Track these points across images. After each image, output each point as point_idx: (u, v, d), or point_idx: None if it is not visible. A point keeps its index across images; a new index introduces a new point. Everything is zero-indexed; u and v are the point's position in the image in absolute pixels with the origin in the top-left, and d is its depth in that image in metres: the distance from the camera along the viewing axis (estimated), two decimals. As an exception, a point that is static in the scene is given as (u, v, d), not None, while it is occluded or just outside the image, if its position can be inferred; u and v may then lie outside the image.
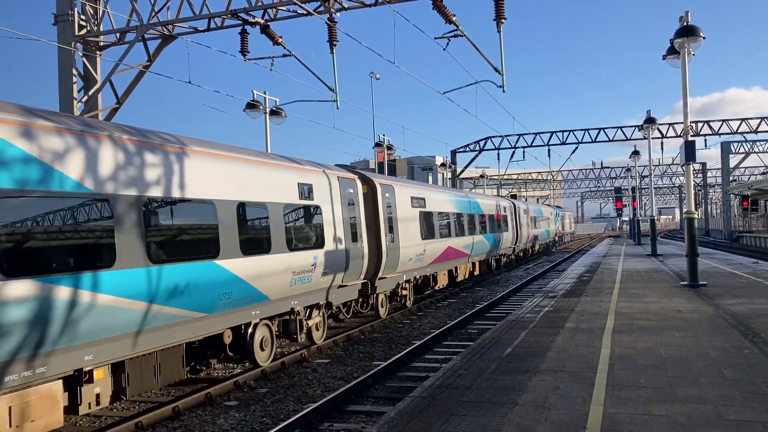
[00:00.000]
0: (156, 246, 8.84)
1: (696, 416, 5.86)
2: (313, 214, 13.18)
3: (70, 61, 17.81)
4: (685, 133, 16.76)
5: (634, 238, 50.96)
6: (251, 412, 9.37)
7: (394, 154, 54.60)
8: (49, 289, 7.11)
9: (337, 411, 9.19)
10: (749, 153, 60.72)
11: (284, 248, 11.80)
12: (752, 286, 16.31)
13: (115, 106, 18.28)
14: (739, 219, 67.06)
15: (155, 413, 9.03)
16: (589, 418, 5.92)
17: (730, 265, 23.34)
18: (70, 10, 17.66)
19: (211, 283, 9.79)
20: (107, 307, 7.90)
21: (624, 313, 12.19)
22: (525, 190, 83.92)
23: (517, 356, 8.73)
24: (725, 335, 9.65)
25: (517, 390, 6.98)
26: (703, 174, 72.05)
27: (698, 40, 15.79)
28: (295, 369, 12.02)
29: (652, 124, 31.00)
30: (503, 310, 18.76)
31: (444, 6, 14.99)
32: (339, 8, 16.29)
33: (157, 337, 8.97)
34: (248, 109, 21.95)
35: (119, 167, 8.39)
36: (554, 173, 76.13)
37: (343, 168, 16.17)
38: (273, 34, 16.68)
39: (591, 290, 16.50)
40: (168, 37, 17.83)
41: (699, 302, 13.42)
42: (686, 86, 16.34)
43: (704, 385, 6.91)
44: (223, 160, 10.56)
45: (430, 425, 5.95)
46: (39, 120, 7.46)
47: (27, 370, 7.00)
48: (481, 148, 49.02)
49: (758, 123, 45.93)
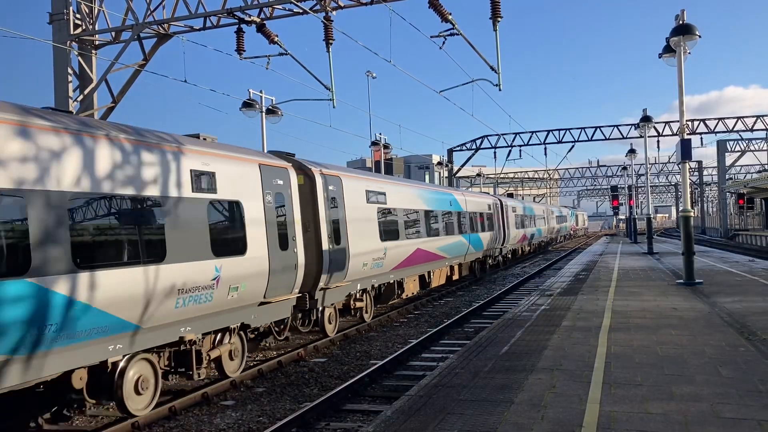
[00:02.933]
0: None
1: (692, 414, 5.87)
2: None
3: (66, 60, 17.75)
4: (681, 131, 16.80)
5: (630, 237, 51.05)
6: (248, 412, 9.37)
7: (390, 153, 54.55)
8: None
9: (334, 410, 9.19)
10: (745, 151, 60.93)
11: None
12: (748, 284, 16.35)
13: (110, 105, 18.23)
14: (735, 217, 67.21)
15: (152, 413, 9.01)
16: (586, 416, 5.93)
17: (726, 264, 23.40)
18: (65, 9, 17.60)
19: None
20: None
21: (620, 311, 12.22)
22: (522, 189, 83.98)
23: (513, 355, 8.74)
24: (721, 333, 9.67)
25: (514, 388, 6.98)
26: (699, 172, 72.23)
27: (694, 38, 15.83)
28: (291, 368, 12.01)
29: (648, 123, 31.06)
30: (500, 308, 18.79)
31: (440, 4, 14.98)
32: (335, 7, 16.27)
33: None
34: (244, 107, 21.90)
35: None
36: (551, 172, 76.18)
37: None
38: (269, 33, 16.65)
39: (587, 288, 16.53)
40: (164, 35, 17.79)
41: (695, 300, 13.45)
42: (682, 84, 16.37)
43: (700, 383, 6.93)
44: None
45: (427, 424, 5.95)
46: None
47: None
48: (477, 146, 49.05)
49: (754, 121, 46.04)
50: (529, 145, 47.89)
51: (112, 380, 8.45)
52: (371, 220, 16.47)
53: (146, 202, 8.82)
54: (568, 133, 47.25)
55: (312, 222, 13.59)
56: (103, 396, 8.56)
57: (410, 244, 19.02)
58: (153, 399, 9.09)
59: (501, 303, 20.24)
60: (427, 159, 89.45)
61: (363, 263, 15.62)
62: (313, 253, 13.38)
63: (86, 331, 7.74)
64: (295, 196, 12.65)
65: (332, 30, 16.34)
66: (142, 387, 8.84)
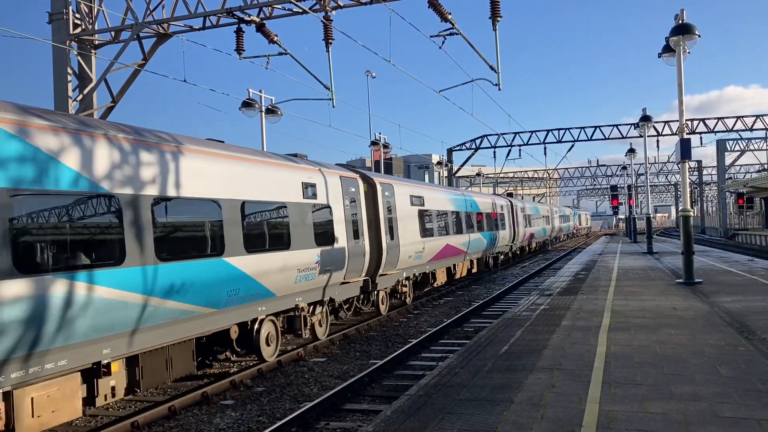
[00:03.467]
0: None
1: (691, 413, 5.87)
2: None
3: (65, 59, 17.74)
4: (680, 130, 16.79)
5: (630, 236, 51.05)
6: (247, 411, 9.36)
7: (390, 153, 54.53)
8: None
9: (334, 410, 9.19)
10: (745, 151, 60.89)
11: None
12: (748, 283, 16.35)
13: (110, 104, 18.22)
14: (734, 217, 67.21)
15: (151, 412, 9.02)
16: (585, 415, 5.93)
17: (725, 263, 23.41)
18: (64, 9, 17.59)
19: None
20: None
21: (620, 310, 12.22)
22: (521, 189, 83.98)
23: (513, 354, 8.73)
24: (721, 333, 9.67)
25: (514, 388, 6.98)
26: (698, 172, 72.27)
27: (693, 38, 15.81)
28: (291, 368, 12.02)
29: (648, 122, 31.05)
30: (500, 307, 18.79)
31: (440, 4, 14.96)
32: (334, 6, 16.26)
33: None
34: (244, 107, 21.88)
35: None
36: (550, 171, 76.19)
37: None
38: (268, 33, 16.63)
39: (587, 288, 16.52)
40: (163, 35, 17.79)
41: (695, 300, 13.45)
42: (681, 84, 16.36)
43: (700, 382, 6.93)
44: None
45: (426, 423, 5.95)
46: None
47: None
48: (477, 146, 49.04)
49: (753, 121, 46.05)
50: (528, 144, 47.91)
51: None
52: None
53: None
54: (568, 133, 47.27)
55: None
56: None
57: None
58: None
59: (500, 302, 20.25)
60: (426, 159, 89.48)
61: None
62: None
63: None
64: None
65: (332, 30, 16.32)
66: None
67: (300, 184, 12.93)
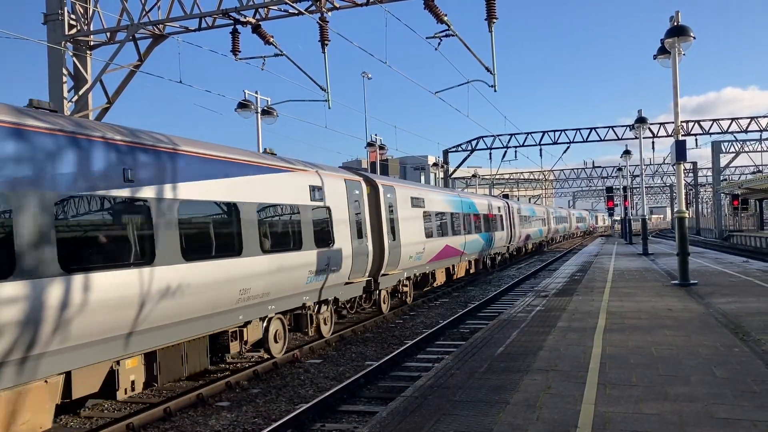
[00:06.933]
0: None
1: (687, 414, 5.88)
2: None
3: (60, 60, 17.70)
4: (675, 132, 16.83)
5: (625, 238, 51.15)
6: (243, 413, 9.34)
7: (386, 154, 54.57)
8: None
9: (330, 411, 9.17)
10: (740, 152, 61.03)
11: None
12: (742, 284, 16.40)
13: (105, 105, 18.19)
14: (729, 218, 67.42)
15: (146, 414, 8.99)
16: (581, 417, 5.94)
17: (720, 264, 23.47)
18: (60, 10, 17.56)
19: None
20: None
21: (615, 312, 12.23)
22: (517, 190, 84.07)
23: (508, 356, 8.74)
24: (716, 334, 9.69)
25: (509, 389, 6.99)
26: (693, 173, 72.37)
27: (688, 39, 15.84)
28: (287, 369, 12.00)
29: (643, 124, 31.13)
30: (495, 309, 18.80)
31: (436, 6, 14.98)
32: (330, 8, 16.27)
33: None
34: (239, 108, 21.86)
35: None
36: (546, 173, 76.27)
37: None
38: (264, 34, 16.63)
39: (582, 289, 16.55)
40: (159, 36, 17.76)
41: (690, 301, 13.48)
42: (677, 86, 16.41)
43: (695, 383, 6.94)
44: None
45: (422, 425, 5.95)
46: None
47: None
48: (473, 147, 49.10)
49: (748, 122, 46.22)
50: (524, 146, 48.04)
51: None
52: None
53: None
54: (564, 134, 47.39)
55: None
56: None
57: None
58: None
59: (496, 304, 20.24)
60: (422, 160, 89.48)
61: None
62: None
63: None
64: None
65: (328, 31, 16.33)
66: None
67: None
